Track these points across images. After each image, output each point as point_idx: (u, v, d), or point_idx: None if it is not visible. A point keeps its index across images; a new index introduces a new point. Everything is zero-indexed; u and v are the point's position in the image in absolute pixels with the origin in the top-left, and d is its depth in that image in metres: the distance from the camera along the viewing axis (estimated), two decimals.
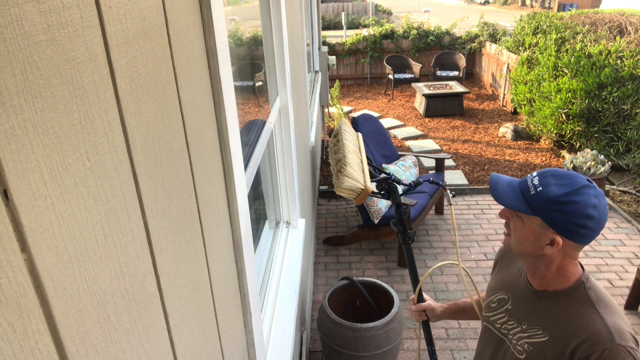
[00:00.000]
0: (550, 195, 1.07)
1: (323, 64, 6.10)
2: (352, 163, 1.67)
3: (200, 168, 0.86)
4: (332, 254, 4.07)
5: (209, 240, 0.90)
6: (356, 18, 19.78)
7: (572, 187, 1.07)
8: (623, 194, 4.95)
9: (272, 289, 2.02)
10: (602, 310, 1.08)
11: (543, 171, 1.14)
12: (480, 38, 9.54)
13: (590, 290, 1.11)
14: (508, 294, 1.27)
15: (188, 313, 0.78)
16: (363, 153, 1.88)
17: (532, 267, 1.17)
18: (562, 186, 1.07)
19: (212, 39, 0.92)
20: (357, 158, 1.80)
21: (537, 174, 1.13)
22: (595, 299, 1.10)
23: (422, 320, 1.73)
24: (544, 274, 1.15)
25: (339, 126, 1.97)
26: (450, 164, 5.82)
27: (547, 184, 1.09)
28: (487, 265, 3.82)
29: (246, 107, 1.75)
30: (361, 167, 1.75)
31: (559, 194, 1.06)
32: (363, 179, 1.65)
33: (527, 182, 1.13)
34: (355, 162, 1.72)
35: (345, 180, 1.59)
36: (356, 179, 1.61)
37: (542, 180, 1.10)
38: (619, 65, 5.49)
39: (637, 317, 3.18)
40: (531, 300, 1.19)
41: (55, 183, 0.42)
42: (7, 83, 0.37)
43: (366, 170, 1.74)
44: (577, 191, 1.06)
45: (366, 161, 1.83)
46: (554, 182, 1.09)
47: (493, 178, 1.20)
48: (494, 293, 1.33)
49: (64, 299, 0.43)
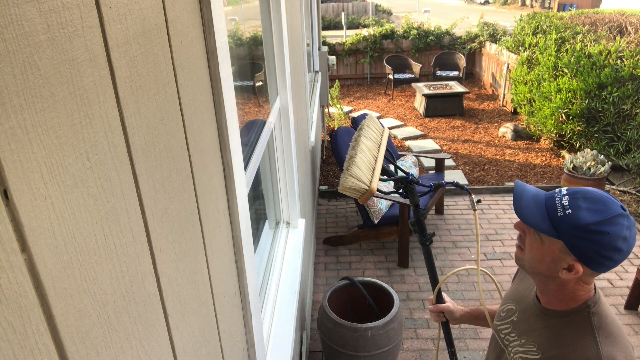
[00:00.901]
0: (581, 221, 0.98)
1: (323, 64, 6.10)
2: (360, 162, 1.63)
3: (200, 168, 0.86)
4: (332, 254, 4.07)
5: (209, 240, 0.90)
6: (356, 18, 19.77)
7: (605, 216, 0.97)
8: (623, 194, 4.95)
9: (272, 289, 2.02)
10: (601, 339, 1.01)
11: (574, 190, 1.04)
12: (480, 38, 9.54)
13: (595, 316, 1.04)
14: (517, 305, 1.24)
15: (188, 313, 0.78)
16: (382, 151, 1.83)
17: (542, 285, 1.12)
18: (594, 213, 0.98)
19: (212, 39, 0.92)
20: (372, 156, 1.76)
21: (567, 193, 1.03)
22: (598, 325, 1.03)
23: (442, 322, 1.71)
24: (554, 294, 1.10)
25: (362, 123, 1.93)
26: (450, 164, 5.82)
27: (578, 207, 0.99)
28: (487, 266, 3.82)
29: (246, 107, 1.75)
30: (372, 166, 1.71)
31: (589, 222, 0.97)
32: (369, 179, 1.63)
33: (554, 200, 1.03)
34: (366, 160, 1.68)
35: (348, 180, 1.57)
36: (360, 179, 1.59)
37: (573, 202, 1.00)
38: (619, 65, 5.49)
39: (637, 317, 3.18)
40: (535, 316, 1.15)
41: (55, 183, 0.42)
42: (7, 83, 0.37)
43: (377, 169, 1.70)
44: (610, 220, 0.97)
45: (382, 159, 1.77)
46: (586, 206, 0.99)
47: (518, 188, 1.11)
48: (506, 302, 1.29)
49: (64, 299, 0.43)
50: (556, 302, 1.10)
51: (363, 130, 1.85)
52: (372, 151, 1.79)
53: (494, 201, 4.88)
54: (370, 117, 1.98)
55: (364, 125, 1.90)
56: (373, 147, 1.82)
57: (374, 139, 1.88)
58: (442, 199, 4.58)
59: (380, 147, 1.86)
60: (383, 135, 1.97)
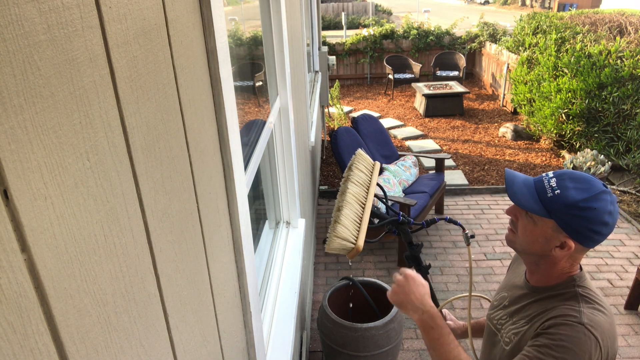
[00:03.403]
0: (569, 199, 1.05)
1: (323, 64, 6.10)
2: (345, 219, 1.62)
3: (200, 168, 0.86)
4: (332, 254, 4.07)
5: (209, 240, 0.90)
6: (356, 18, 19.77)
7: (590, 193, 1.05)
8: (623, 194, 4.95)
9: (272, 289, 2.02)
10: (583, 304, 1.07)
11: (560, 172, 1.11)
12: (480, 38, 9.53)
13: (580, 288, 1.11)
14: (508, 292, 1.29)
15: (188, 313, 0.78)
16: (371, 193, 1.81)
17: (533, 265, 1.17)
18: (580, 191, 1.05)
19: (212, 39, 0.92)
20: (359, 205, 1.73)
21: (553, 175, 1.11)
22: (582, 294, 1.09)
23: None
24: (544, 272, 1.15)
25: (351, 161, 1.88)
26: (450, 164, 5.82)
27: (566, 187, 1.06)
28: (487, 266, 3.82)
29: (246, 107, 1.75)
30: (359, 218, 1.69)
31: (578, 199, 1.04)
32: (355, 236, 1.61)
33: (543, 183, 1.10)
34: (351, 214, 1.67)
35: (334, 241, 1.56)
36: (347, 239, 1.58)
37: (560, 182, 1.08)
38: (619, 65, 5.49)
39: (637, 317, 3.18)
40: (525, 295, 1.20)
41: (55, 183, 0.42)
42: (7, 83, 0.37)
43: (365, 221, 1.68)
44: (596, 197, 1.04)
45: (370, 206, 1.75)
46: (572, 185, 1.06)
47: (509, 175, 1.18)
48: (499, 292, 1.34)
49: (64, 299, 0.43)
50: (545, 279, 1.16)
51: (351, 174, 1.81)
52: (360, 198, 1.75)
53: (494, 201, 4.88)
54: (359, 154, 1.94)
55: (352, 166, 1.86)
56: (361, 193, 1.78)
57: (363, 182, 1.84)
58: (442, 199, 4.58)
59: (370, 189, 1.83)
60: (373, 172, 1.94)
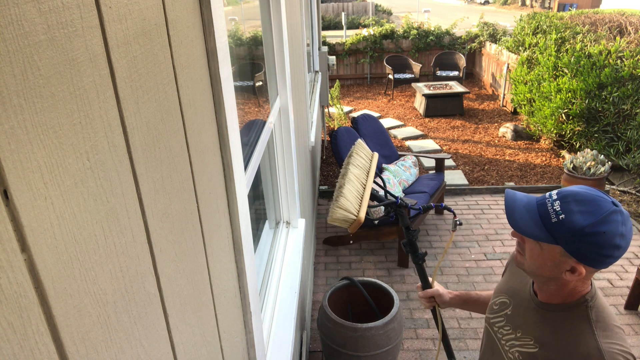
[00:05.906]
0: (575, 225, 0.98)
1: (323, 64, 6.09)
2: (347, 193, 1.70)
3: (200, 168, 0.86)
4: (332, 254, 4.07)
5: (209, 240, 0.90)
6: (356, 18, 19.77)
7: (598, 216, 0.97)
8: (623, 194, 4.95)
9: (272, 289, 2.02)
10: (599, 332, 1.02)
11: (564, 194, 1.03)
12: (480, 38, 9.53)
13: (592, 310, 1.06)
14: (511, 298, 1.25)
15: (188, 313, 0.78)
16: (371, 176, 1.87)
17: (542, 284, 1.12)
18: (587, 214, 0.98)
19: (212, 39, 0.92)
20: (360, 184, 1.82)
21: (557, 197, 1.03)
22: (595, 319, 1.04)
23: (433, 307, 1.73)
24: (554, 292, 1.10)
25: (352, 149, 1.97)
26: (450, 164, 5.82)
27: (571, 212, 0.99)
28: (487, 266, 3.82)
29: (246, 107, 1.75)
30: (360, 195, 1.77)
31: (584, 225, 0.97)
32: (357, 208, 1.69)
33: (546, 207, 1.04)
34: (353, 190, 1.75)
35: (336, 212, 1.65)
36: (348, 210, 1.66)
37: (565, 206, 1.00)
38: (619, 65, 5.49)
39: (637, 317, 3.18)
40: (531, 310, 1.16)
41: (55, 183, 0.42)
42: (7, 83, 0.37)
43: (366, 197, 1.76)
44: (604, 220, 0.97)
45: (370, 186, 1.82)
46: (578, 209, 0.99)
47: (509, 199, 1.10)
48: (498, 295, 1.31)
49: (64, 299, 0.43)
50: (555, 298, 1.11)
51: (352, 158, 1.90)
52: (361, 179, 1.84)
53: (494, 201, 4.88)
54: (359, 143, 2.04)
55: (352, 153, 1.95)
56: (361, 175, 1.87)
57: (363, 166, 1.93)
58: (442, 199, 4.58)
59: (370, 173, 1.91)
60: (372, 161, 2.03)
